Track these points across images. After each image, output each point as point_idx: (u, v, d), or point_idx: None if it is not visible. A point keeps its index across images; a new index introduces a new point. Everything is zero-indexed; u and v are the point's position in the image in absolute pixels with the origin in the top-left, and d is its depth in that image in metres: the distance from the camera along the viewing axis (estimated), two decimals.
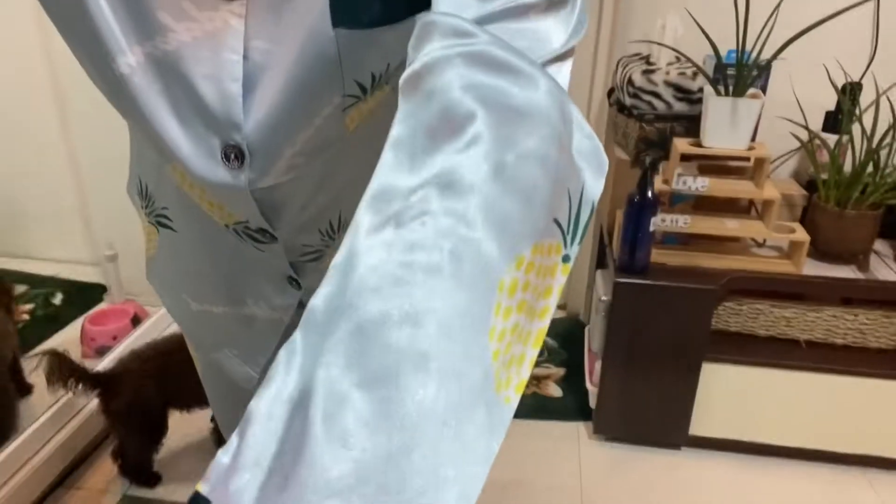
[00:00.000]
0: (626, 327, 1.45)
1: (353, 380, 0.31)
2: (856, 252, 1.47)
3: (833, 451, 1.52)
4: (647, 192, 1.35)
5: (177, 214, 0.62)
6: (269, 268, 0.62)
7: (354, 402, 0.30)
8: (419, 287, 0.32)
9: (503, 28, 0.39)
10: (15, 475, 1.29)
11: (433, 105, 0.37)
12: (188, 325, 0.73)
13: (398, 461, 0.30)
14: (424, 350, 0.31)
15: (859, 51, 1.64)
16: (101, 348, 1.71)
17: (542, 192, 0.36)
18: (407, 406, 0.30)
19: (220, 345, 0.71)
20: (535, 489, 1.47)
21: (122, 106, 0.48)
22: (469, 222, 0.33)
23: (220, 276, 0.64)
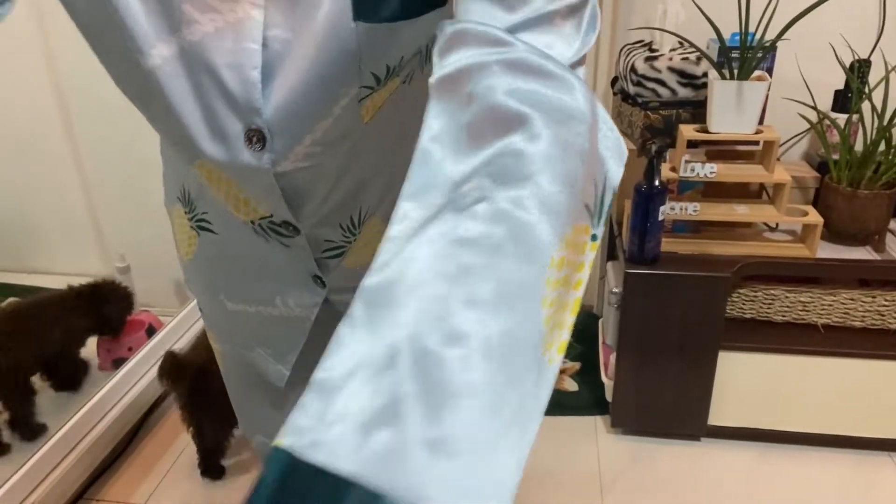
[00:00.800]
0: (640, 318, 1.44)
1: (436, 340, 0.34)
2: (870, 233, 1.44)
3: (855, 435, 1.50)
4: (654, 180, 1.33)
5: (215, 218, 0.66)
6: (296, 267, 0.65)
7: (441, 358, 0.33)
8: (484, 263, 0.36)
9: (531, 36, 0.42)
10: (37, 488, 1.30)
11: (475, 106, 0.40)
12: (224, 326, 0.76)
13: (484, 409, 0.33)
14: (490, 317, 0.35)
15: (866, 27, 1.61)
16: (116, 360, 1.73)
17: (580, 182, 0.40)
18: (483, 363, 0.34)
19: (255, 344, 0.74)
20: (555, 485, 1.46)
21: (150, 102, 0.51)
22: (526, 208, 0.37)
23: (252, 276, 0.68)
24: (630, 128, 1.59)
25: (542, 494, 1.44)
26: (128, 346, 1.75)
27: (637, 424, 1.57)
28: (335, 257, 0.66)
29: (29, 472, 1.29)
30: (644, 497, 1.42)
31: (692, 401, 1.50)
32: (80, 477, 1.42)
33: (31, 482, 1.30)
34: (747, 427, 1.53)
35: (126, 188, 1.92)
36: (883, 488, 1.43)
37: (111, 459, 1.55)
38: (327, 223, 0.62)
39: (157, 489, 1.48)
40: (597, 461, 1.52)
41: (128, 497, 1.46)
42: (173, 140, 0.54)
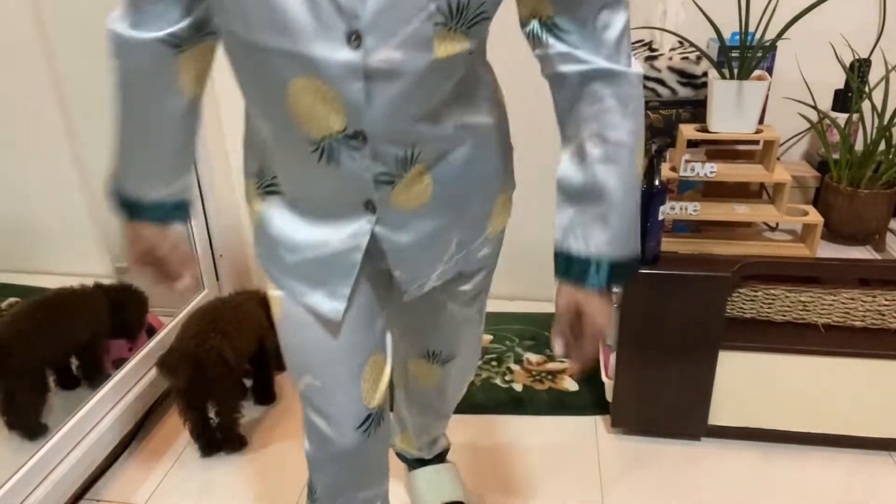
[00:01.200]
0: (639, 318, 1.44)
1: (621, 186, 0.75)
2: (871, 232, 1.44)
3: (856, 435, 1.49)
4: (654, 180, 1.33)
5: (283, 176, 0.79)
6: (352, 192, 0.76)
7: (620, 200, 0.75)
8: (626, 157, 0.75)
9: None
10: (37, 488, 1.30)
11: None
12: (285, 281, 0.85)
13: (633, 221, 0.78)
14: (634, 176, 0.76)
15: (866, 27, 1.61)
16: (117, 360, 1.73)
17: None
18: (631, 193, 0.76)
19: (312, 288, 0.84)
20: (555, 485, 1.46)
21: (272, 18, 0.63)
22: (625, 143, 0.74)
23: (311, 218, 0.80)
24: None
25: (543, 494, 1.44)
26: (128, 347, 1.75)
27: (637, 424, 1.57)
28: (386, 184, 0.75)
29: (29, 472, 1.29)
30: (644, 497, 1.42)
31: (692, 401, 1.50)
32: (80, 477, 1.42)
33: (31, 482, 1.30)
34: (747, 427, 1.53)
35: None
36: (883, 488, 1.42)
37: (111, 459, 1.55)
38: (388, 145, 0.72)
39: (158, 489, 1.48)
40: (597, 461, 1.52)
41: (128, 497, 1.46)
42: (282, 59, 0.65)
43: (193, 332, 1.48)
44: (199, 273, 1.94)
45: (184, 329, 1.53)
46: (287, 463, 1.55)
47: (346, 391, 0.89)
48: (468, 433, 1.61)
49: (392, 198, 0.77)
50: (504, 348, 1.93)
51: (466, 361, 1.14)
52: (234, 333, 1.53)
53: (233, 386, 1.52)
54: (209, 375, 1.43)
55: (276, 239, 0.83)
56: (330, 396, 0.89)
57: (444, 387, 1.14)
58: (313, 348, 0.87)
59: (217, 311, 1.56)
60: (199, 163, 1.85)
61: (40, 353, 1.45)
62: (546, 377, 1.80)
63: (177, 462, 1.56)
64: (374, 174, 0.74)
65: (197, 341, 1.45)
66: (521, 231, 2.11)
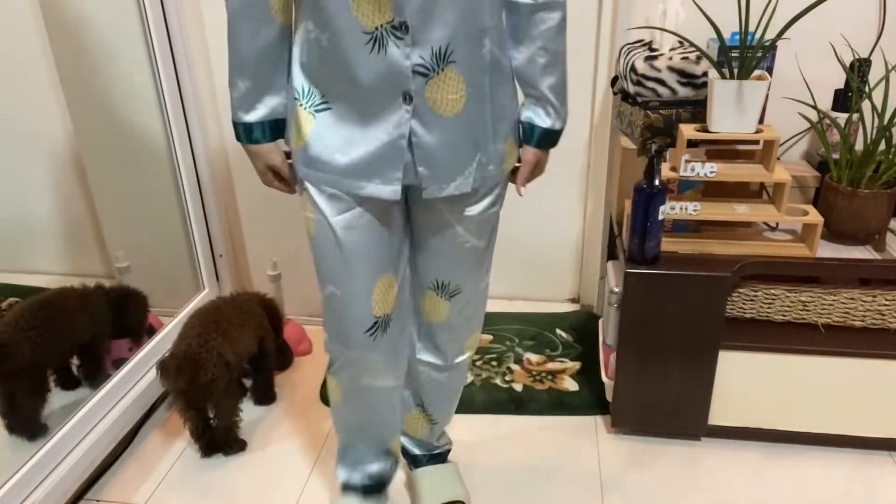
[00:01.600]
0: (640, 318, 1.43)
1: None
2: (871, 232, 1.44)
3: (856, 435, 1.50)
4: (654, 180, 1.33)
5: (333, 89, 0.96)
6: (393, 83, 0.92)
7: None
8: (563, 60, 1.04)
9: None
10: (37, 488, 1.30)
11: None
12: (338, 179, 1.00)
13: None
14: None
15: (866, 26, 1.61)
16: (117, 360, 1.73)
17: None
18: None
19: (367, 180, 0.99)
20: (555, 485, 1.46)
21: None
22: (561, 51, 1.04)
23: (360, 120, 0.96)
24: (630, 127, 1.59)
25: (543, 494, 1.44)
26: (128, 347, 1.75)
27: (637, 424, 1.57)
28: (422, 76, 0.92)
29: (29, 472, 1.29)
30: (644, 497, 1.42)
31: (692, 401, 1.50)
32: (80, 477, 1.42)
33: (31, 482, 1.30)
34: (748, 427, 1.53)
35: (126, 188, 1.92)
36: (883, 488, 1.42)
37: (111, 459, 1.56)
38: (426, 36, 0.90)
39: (158, 489, 1.48)
40: (597, 461, 1.52)
41: (128, 497, 1.46)
42: None
43: (195, 333, 1.48)
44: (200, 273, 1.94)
45: (185, 329, 1.53)
46: (287, 463, 1.55)
47: (360, 302, 1.09)
48: (468, 433, 1.61)
49: (426, 91, 0.94)
50: (504, 348, 1.93)
51: (472, 302, 1.21)
52: (235, 334, 1.53)
53: (233, 387, 1.52)
54: (209, 377, 1.43)
55: (330, 146, 0.99)
56: (346, 304, 1.10)
57: (452, 324, 1.21)
58: (338, 264, 1.07)
59: (219, 311, 1.56)
60: (200, 164, 1.85)
61: (40, 354, 1.45)
62: (546, 377, 1.79)
63: (177, 462, 1.56)
64: (412, 63, 0.91)
65: (199, 342, 1.46)
66: (521, 232, 2.11)
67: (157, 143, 1.80)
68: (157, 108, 1.75)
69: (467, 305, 1.20)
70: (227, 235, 1.99)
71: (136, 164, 1.86)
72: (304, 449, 1.59)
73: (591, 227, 2.02)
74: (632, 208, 1.38)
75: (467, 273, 1.16)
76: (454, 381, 1.33)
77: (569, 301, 2.18)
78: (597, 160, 1.90)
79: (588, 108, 1.88)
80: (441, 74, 0.93)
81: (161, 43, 1.68)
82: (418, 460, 1.42)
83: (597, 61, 1.80)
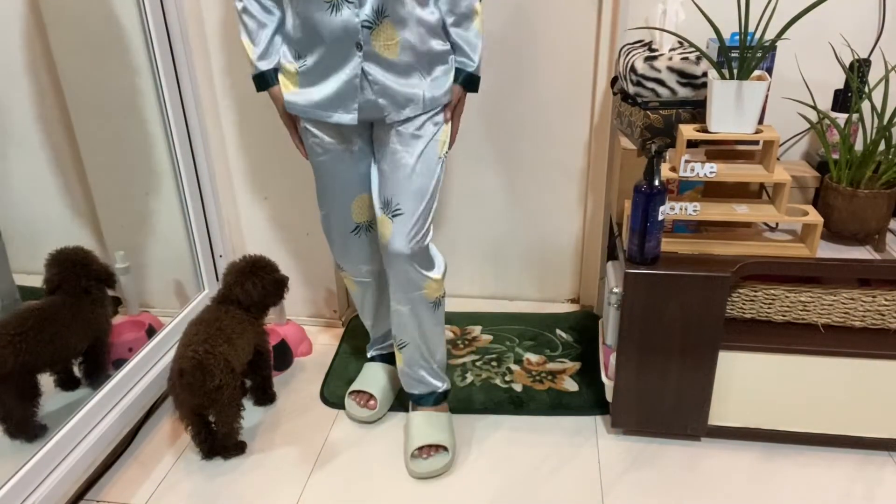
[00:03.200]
0: (640, 319, 1.44)
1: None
2: (871, 232, 1.44)
3: (856, 435, 1.50)
4: (654, 180, 1.33)
5: (306, 50, 1.29)
6: (347, 35, 1.23)
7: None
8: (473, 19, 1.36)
9: None
10: (37, 488, 1.30)
11: None
12: (314, 109, 1.34)
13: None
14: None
15: (866, 27, 1.61)
16: (117, 360, 1.73)
17: None
18: None
19: (336, 110, 1.32)
20: (555, 485, 1.46)
21: None
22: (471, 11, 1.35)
23: (327, 66, 1.29)
24: (630, 128, 1.59)
25: (543, 494, 1.44)
26: (128, 347, 1.75)
27: (637, 425, 1.57)
28: (367, 28, 1.23)
29: (29, 472, 1.29)
30: (644, 497, 1.42)
31: (692, 401, 1.50)
32: (80, 477, 1.42)
33: (31, 482, 1.30)
34: (748, 427, 1.53)
35: (126, 188, 1.92)
36: (883, 488, 1.42)
37: (111, 459, 1.56)
38: (370, 3, 1.21)
39: (158, 489, 1.48)
40: (597, 461, 1.52)
41: (128, 497, 1.46)
42: None
43: (202, 339, 1.47)
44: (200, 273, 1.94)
45: (189, 336, 1.51)
46: (287, 464, 1.55)
47: (344, 214, 1.51)
48: (468, 433, 1.61)
49: (372, 40, 1.25)
50: (504, 348, 1.93)
51: (414, 227, 1.39)
52: (237, 340, 1.53)
53: (236, 394, 1.52)
54: (217, 383, 1.43)
55: (309, 89, 1.33)
56: (335, 217, 1.52)
57: (397, 241, 1.40)
58: (329, 184, 1.47)
59: (220, 319, 1.55)
60: (200, 165, 1.85)
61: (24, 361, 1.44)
62: (546, 377, 1.79)
63: (176, 463, 1.56)
64: (360, 20, 1.22)
65: (206, 348, 1.44)
66: (521, 232, 2.11)
67: (157, 143, 1.80)
68: (157, 107, 1.76)
69: (409, 227, 1.39)
70: (227, 235, 1.99)
71: (136, 165, 1.86)
72: (304, 449, 1.59)
73: (591, 228, 2.02)
74: (632, 208, 1.38)
75: (402, 188, 1.38)
76: (416, 315, 1.49)
77: (569, 301, 2.18)
78: (597, 160, 1.90)
79: (588, 108, 1.88)
80: (380, 26, 1.24)
81: (161, 43, 1.68)
82: (416, 399, 1.61)
83: (597, 61, 1.80)
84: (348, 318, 2.12)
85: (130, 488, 1.49)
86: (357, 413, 1.68)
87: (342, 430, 1.65)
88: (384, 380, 1.72)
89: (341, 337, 2.03)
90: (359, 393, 1.71)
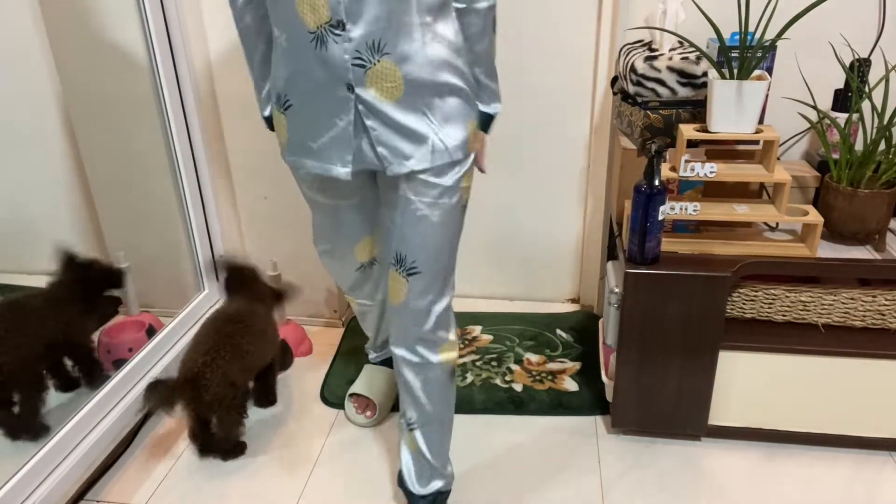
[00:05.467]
0: (640, 318, 1.43)
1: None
2: (871, 232, 1.44)
3: (856, 435, 1.50)
4: (654, 180, 1.33)
5: (291, 89, 1.10)
6: (336, 75, 1.03)
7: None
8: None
9: None
10: (37, 488, 1.30)
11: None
12: (313, 163, 1.15)
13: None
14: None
15: (866, 26, 1.61)
16: (117, 361, 1.73)
17: None
18: None
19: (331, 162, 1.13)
20: (555, 485, 1.46)
21: None
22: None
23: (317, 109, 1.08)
24: (630, 128, 1.59)
25: (543, 494, 1.44)
26: (128, 347, 1.75)
27: (638, 425, 1.57)
28: (360, 67, 1.02)
29: (29, 472, 1.29)
30: (644, 497, 1.42)
31: (692, 401, 1.50)
32: (80, 477, 1.42)
33: (31, 482, 1.30)
34: (748, 427, 1.53)
35: (126, 188, 1.92)
36: (884, 488, 1.42)
37: (111, 459, 1.56)
38: (363, 36, 1.00)
39: (158, 489, 1.48)
40: (597, 461, 1.52)
41: (128, 497, 1.46)
42: None
43: (204, 350, 1.44)
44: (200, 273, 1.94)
45: (197, 343, 1.48)
46: (287, 464, 1.55)
47: (348, 256, 1.42)
48: (468, 433, 1.61)
49: (367, 81, 1.03)
50: (504, 348, 1.93)
51: (431, 287, 1.20)
52: (249, 349, 1.50)
53: (237, 403, 1.50)
54: (211, 397, 1.41)
55: (300, 137, 1.14)
56: (338, 256, 1.43)
57: (411, 307, 1.21)
58: (330, 226, 1.36)
59: (235, 324, 1.51)
60: (200, 165, 1.85)
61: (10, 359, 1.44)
62: (546, 377, 1.79)
63: (176, 463, 1.56)
64: (351, 56, 1.01)
65: (205, 360, 1.42)
66: (521, 232, 2.11)
67: (158, 143, 1.80)
68: (157, 107, 1.76)
69: (427, 290, 1.19)
70: (227, 235, 1.99)
71: (137, 164, 1.86)
72: (304, 450, 1.59)
73: (591, 227, 2.02)
74: (632, 208, 1.38)
75: (420, 245, 1.16)
76: (430, 387, 1.27)
77: (569, 301, 2.18)
78: (597, 160, 1.90)
79: (588, 108, 1.88)
80: (377, 65, 1.02)
81: (161, 42, 1.68)
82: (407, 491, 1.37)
83: (597, 61, 1.80)
84: (348, 319, 2.12)
85: (130, 488, 1.49)
86: (356, 419, 1.67)
87: (342, 430, 1.65)
88: (384, 385, 1.70)
89: (341, 337, 2.03)
90: (358, 397, 1.69)
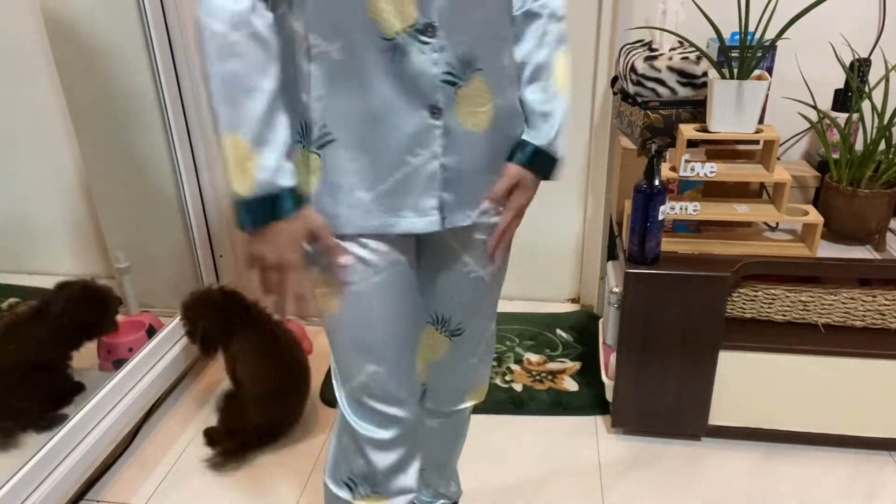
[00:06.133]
0: (640, 318, 1.43)
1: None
2: (871, 232, 1.44)
3: (856, 435, 1.49)
4: (654, 180, 1.33)
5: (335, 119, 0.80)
6: (418, 93, 0.79)
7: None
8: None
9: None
10: (37, 488, 1.30)
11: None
12: (370, 217, 0.84)
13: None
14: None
15: (866, 26, 1.61)
16: (117, 361, 1.73)
17: None
18: None
19: (402, 211, 0.84)
20: (555, 485, 1.46)
21: None
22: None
23: (377, 142, 0.80)
24: (630, 127, 1.59)
25: (543, 494, 1.43)
26: (128, 347, 1.75)
27: (637, 424, 1.57)
28: (450, 84, 0.79)
29: (29, 471, 1.29)
30: (644, 497, 1.42)
31: (692, 401, 1.50)
32: (80, 477, 1.42)
33: (32, 482, 1.30)
34: (748, 427, 1.53)
35: (126, 188, 1.92)
36: (884, 488, 1.42)
37: (111, 459, 1.56)
38: (454, 39, 0.78)
39: (158, 489, 1.48)
40: (597, 461, 1.52)
41: (128, 497, 1.46)
42: None
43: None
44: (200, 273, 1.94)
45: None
46: (286, 464, 1.55)
47: (409, 370, 0.94)
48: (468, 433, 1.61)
49: (456, 103, 0.81)
50: (504, 348, 1.93)
51: (477, 348, 1.06)
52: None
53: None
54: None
55: (347, 182, 0.82)
56: (396, 379, 0.92)
57: (451, 366, 1.05)
58: (378, 327, 0.90)
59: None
60: (200, 165, 1.85)
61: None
62: (546, 377, 1.79)
63: (176, 463, 1.56)
64: (441, 71, 0.78)
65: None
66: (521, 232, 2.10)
67: (157, 144, 1.80)
68: (156, 108, 1.76)
69: (472, 351, 1.05)
70: (226, 235, 1.99)
71: (137, 165, 1.86)
72: (304, 449, 1.59)
73: (591, 227, 2.02)
74: (632, 208, 1.38)
75: (470, 308, 1.00)
76: (449, 431, 1.19)
77: (569, 301, 2.18)
78: (597, 160, 1.90)
79: (588, 108, 1.87)
80: (468, 84, 0.81)
81: (161, 43, 1.68)
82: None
83: (597, 61, 1.80)
84: None
85: (130, 488, 1.49)
86: None
87: None
88: None
89: None
90: None
